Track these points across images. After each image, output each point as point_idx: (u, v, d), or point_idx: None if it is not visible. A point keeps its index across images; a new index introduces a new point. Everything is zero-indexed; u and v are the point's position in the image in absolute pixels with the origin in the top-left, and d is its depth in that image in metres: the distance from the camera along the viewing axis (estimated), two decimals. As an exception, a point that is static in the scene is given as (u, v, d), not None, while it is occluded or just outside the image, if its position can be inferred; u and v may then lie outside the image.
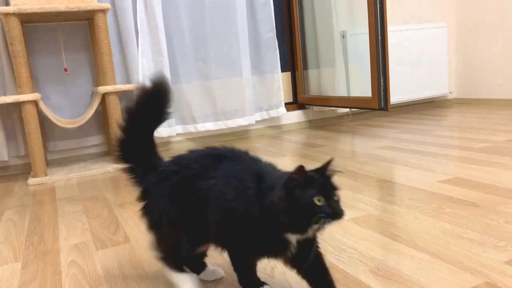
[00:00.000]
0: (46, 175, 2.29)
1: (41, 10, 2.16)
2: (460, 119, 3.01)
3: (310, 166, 0.84)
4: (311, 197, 0.75)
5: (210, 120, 2.94)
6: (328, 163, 0.80)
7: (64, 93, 2.66)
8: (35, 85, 2.56)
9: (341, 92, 3.13)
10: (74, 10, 2.22)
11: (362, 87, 2.76)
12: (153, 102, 0.98)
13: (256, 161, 0.91)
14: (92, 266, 1.19)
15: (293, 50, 3.35)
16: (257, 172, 0.85)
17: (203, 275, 1.04)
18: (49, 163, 2.63)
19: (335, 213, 0.75)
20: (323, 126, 3.32)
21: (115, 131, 1.07)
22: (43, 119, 2.50)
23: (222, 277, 1.05)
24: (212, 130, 2.97)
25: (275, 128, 3.25)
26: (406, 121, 3.13)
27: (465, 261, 1.01)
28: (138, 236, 1.38)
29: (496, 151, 2.01)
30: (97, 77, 2.64)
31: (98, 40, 2.33)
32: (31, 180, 2.25)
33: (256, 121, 3.09)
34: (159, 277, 1.08)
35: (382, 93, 2.54)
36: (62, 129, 2.62)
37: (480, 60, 3.61)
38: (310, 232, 0.78)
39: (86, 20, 2.61)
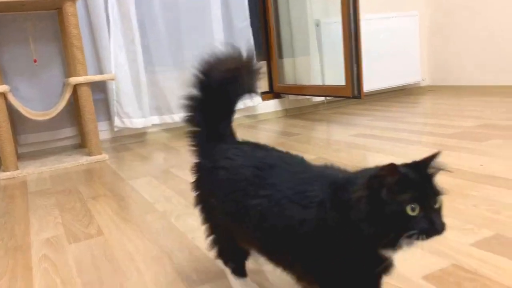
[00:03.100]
0: (17, 168, 2.24)
1: (7, -1, 2.09)
2: (432, 106, 3.07)
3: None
4: (403, 204, 0.57)
5: (186, 110, 2.91)
6: (431, 157, 0.61)
7: (34, 84, 2.60)
8: (3, 77, 2.48)
9: (316, 80, 3.15)
10: (41, -1, 2.16)
11: (337, 76, 2.77)
12: (246, 68, 0.88)
13: (317, 166, 0.75)
14: (64, 260, 1.17)
15: (267, 39, 3.34)
16: (320, 176, 0.69)
17: None
18: (20, 157, 2.58)
19: (433, 228, 0.58)
20: (298, 114, 3.33)
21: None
22: (12, 112, 2.44)
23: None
24: (188, 121, 2.94)
25: (251, 118, 3.25)
26: (379, 109, 3.17)
27: (433, 244, 1.04)
28: (112, 229, 1.36)
29: (466, 136, 2.06)
30: (68, 68, 2.58)
31: (67, 30, 2.28)
32: (1, 174, 2.20)
33: (232, 111, 3.08)
34: (132, 270, 1.08)
35: (355, 81, 2.56)
36: (33, 122, 2.56)
37: (452, 48, 3.67)
38: (403, 247, 0.60)
39: (55, 10, 2.54)
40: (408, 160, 0.63)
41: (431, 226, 0.58)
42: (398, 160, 0.63)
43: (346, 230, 0.62)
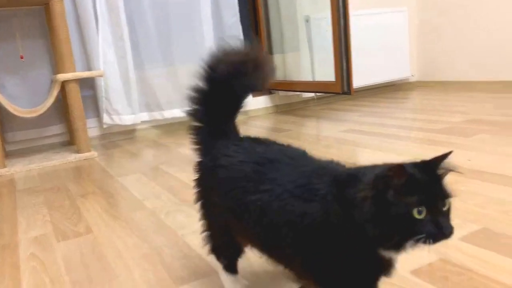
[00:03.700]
0: (4, 166, 2.21)
1: (-8, -5, 2.06)
2: (421, 102, 3.09)
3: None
4: (410, 207, 0.55)
5: (176, 107, 2.90)
6: (442, 157, 0.60)
7: (21, 81, 2.57)
8: (-10, 74, 2.46)
9: (306, 76, 3.15)
10: (28, -6, 2.13)
11: (326, 71, 2.78)
12: (253, 63, 0.85)
13: (320, 160, 0.74)
14: (52, 258, 1.16)
15: (257, 35, 3.33)
16: (323, 170, 0.68)
17: None
18: (8, 154, 2.55)
19: (440, 233, 0.56)
20: (289, 110, 3.34)
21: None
22: (-1, 109, 2.41)
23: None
24: (179, 117, 2.92)
25: (241, 114, 3.21)
26: (369, 105, 3.19)
27: (422, 239, 1.05)
28: (101, 226, 1.36)
29: (455, 132, 2.08)
30: (56, 64, 2.55)
31: (55, 26, 2.25)
32: (-11, 172, 2.18)
33: (222, 107, 3.07)
34: (122, 267, 1.07)
35: (345, 77, 2.57)
36: (21, 119, 2.53)
37: (440, 44, 3.69)
38: (407, 250, 0.59)
39: (43, 6, 2.51)
40: (398, 156, 0.63)
41: (438, 230, 0.56)
42: (388, 156, 0.63)
43: (348, 228, 0.60)
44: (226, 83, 0.84)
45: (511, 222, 1.10)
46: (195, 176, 0.88)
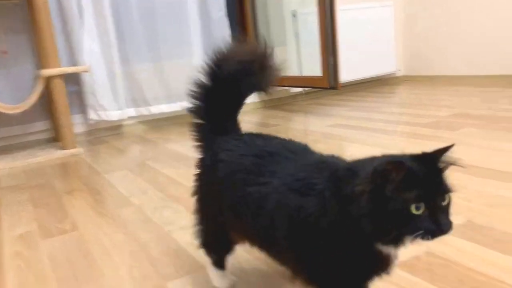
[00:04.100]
0: (-12, 163, 2.18)
1: (-27, -12, 2.02)
2: (407, 96, 3.11)
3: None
4: (408, 202, 0.55)
5: (163, 102, 2.88)
6: (443, 150, 0.59)
7: (5, 77, 2.52)
8: (-28, 69, 2.41)
9: (294, 71, 3.15)
10: (10, -12, 2.09)
11: (314, 66, 2.78)
12: (260, 63, 0.84)
13: (321, 154, 0.74)
14: (37, 256, 1.15)
15: (244, 30, 3.32)
16: (322, 164, 0.67)
17: None
18: (-9, 151, 2.51)
19: (438, 229, 0.55)
20: (277, 105, 3.33)
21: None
22: (-18, 105, 2.37)
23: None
24: (166, 113, 2.90)
25: (229, 109, 3.22)
26: (356, 99, 3.20)
27: (408, 232, 1.05)
28: (87, 223, 1.34)
29: (441, 126, 2.10)
30: (40, 59, 2.51)
31: (38, 21, 2.21)
32: (-28, 170, 2.14)
33: (210, 102, 3.05)
34: (108, 264, 1.06)
35: (332, 72, 2.57)
36: (5, 115, 2.48)
37: (426, 38, 3.72)
38: (406, 244, 0.58)
39: (25, -1, 2.47)
40: (384, 150, 0.63)
41: (437, 226, 0.55)
42: (374, 149, 0.62)
43: (344, 223, 0.59)
44: (230, 81, 0.83)
45: (496, 215, 1.11)
46: (195, 171, 0.87)
